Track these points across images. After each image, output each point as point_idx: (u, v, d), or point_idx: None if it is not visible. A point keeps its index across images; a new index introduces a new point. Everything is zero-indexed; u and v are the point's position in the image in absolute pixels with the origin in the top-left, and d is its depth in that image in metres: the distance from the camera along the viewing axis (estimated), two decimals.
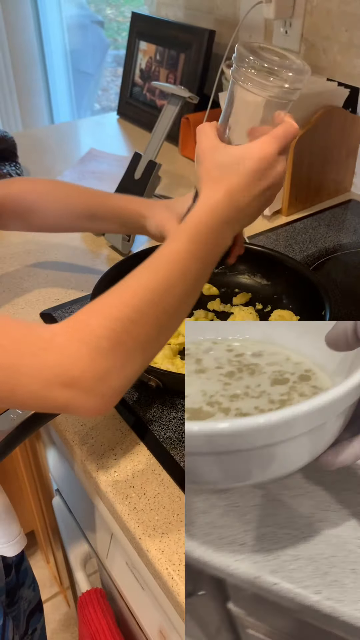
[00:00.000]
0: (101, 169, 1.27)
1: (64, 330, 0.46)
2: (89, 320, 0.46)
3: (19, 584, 0.85)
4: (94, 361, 0.45)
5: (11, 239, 1.00)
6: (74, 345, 0.45)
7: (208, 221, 0.53)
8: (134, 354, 0.48)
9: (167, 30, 1.38)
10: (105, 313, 0.47)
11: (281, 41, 1.21)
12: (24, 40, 2.25)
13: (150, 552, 0.53)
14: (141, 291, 0.48)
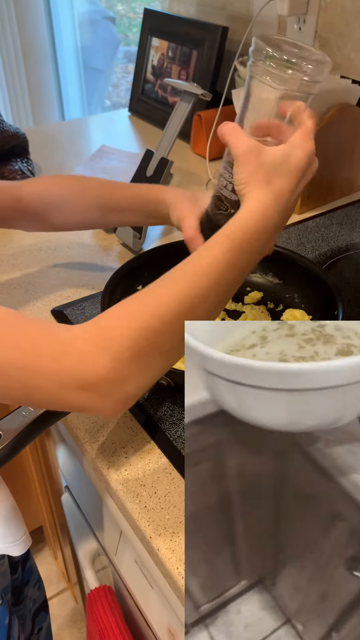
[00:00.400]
0: (112, 165, 1.27)
1: (85, 334, 0.45)
2: (112, 328, 0.45)
3: (24, 582, 0.85)
4: (113, 369, 0.44)
5: (23, 237, 1.00)
6: (94, 350, 0.44)
7: (256, 225, 0.51)
8: (155, 362, 0.47)
9: (179, 27, 1.38)
10: (131, 322, 0.45)
11: (294, 38, 1.19)
12: (36, 36, 2.25)
13: (161, 551, 0.53)
14: (170, 302, 0.47)
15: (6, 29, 2.14)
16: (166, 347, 0.47)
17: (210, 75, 1.30)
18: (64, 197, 0.76)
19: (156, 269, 0.84)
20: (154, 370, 0.47)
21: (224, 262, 0.50)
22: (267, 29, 1.26)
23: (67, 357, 0.44)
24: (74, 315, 0.81)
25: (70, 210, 0.77)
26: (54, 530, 1.31)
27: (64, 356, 0.44)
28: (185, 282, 0.48)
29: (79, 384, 0.44)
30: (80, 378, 0.44)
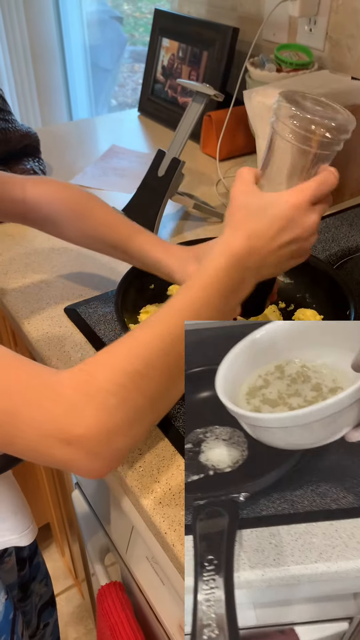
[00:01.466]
0: (123, 165, 1.28)
1: (71, 381, 0.44)
2: (96, 373, 0.44)
3: (31, 578, 0.86)
4: (99, 419, 0.42)
5: (36, 236, 1.01)
6: (80, 399, 0.42)
7: (226, 266, 0.51)
8: (143, 411, 0.46)
9: (190, 27, 1.38)
10: (114, 366, 0.45)
11: (305, 39, 1.21)
12: (45, 35, 2.26)
13: (176, 546, 0.53)
14: (150, 342, 0.47)
15: (15, 28, 2.15)
16: (152, 392, 0.46)
17: (220, 76, 1.31)
18: (63, 215, 0.74)
19: None
20: (141, 419, 0.46)
21: (197, 299, 0.50)
22: (277, 30, 1.26)
23: (54, 405, 0.42)
24: (86, 313, 0.81)
25: (68, 229, 0.75)
26: (62, 527, 1.32)
27: (51, 404, 0.42)
28: (163, 322, 0.48)
29: (63, 436, 0.42)
30: (64, 429, 0.42)
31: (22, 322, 0.81)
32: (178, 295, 0.51)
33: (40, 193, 0.74)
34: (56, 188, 0.75)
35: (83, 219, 0.75)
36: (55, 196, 0.74)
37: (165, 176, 0.98)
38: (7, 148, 1.10)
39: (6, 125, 1.08)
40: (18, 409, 0.42)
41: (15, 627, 0.75)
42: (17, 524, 0.71)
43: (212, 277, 0.51)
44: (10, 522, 0.70)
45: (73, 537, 1.22)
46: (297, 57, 1.17)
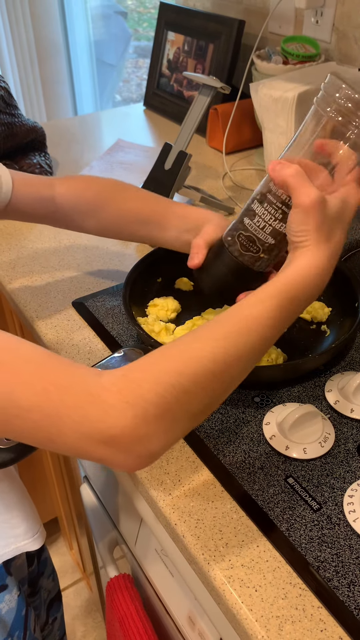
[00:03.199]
0: (129, 159, 1.28)
1: (113, 387, 0.43)
2: (141, 382, 0.44)
3: (39, 574, 0.86)
4: (137, 425, 0.42)
5: (42, 230, 1.01)
6: (120, 405, 0.42)
7: (309, 285, 0.49)
8: (180, 422, 0.45)
9: (195, 20, 1.38)
10: (160, 378, 0.44)
11: (312, 31, 1.20)
12: (49, 30, 2.25)
13: (186, 537, 0.53)
14: (203, 360, 0.45)
15: (20, 23, 2.15)
16: (194, 408, 0.45)
17: (226, 69, 1.30)
18: (97, 203, 0.73)
19: (175, 262, 0.85)
20: (177, 430, 0.45)
21: (267, 320, 0.47)
22: (283, 22, 1.26)
23: (92, 408, 0.42)
24: (94, 307, 0.82)
25: (103, 217, 0.74)
26: (70, 520, 1.32)
27: (89, 407, 0.42)
28: (221, 341, 0.46)
29: (101, 438, 0.42)
30: (103, 432, 0.42)
31: (31, 316, 0.82)
32: (246, 309, 0.47)
33: (70, 189, 0.74)
34: (86, 180, 0.75)
35: (116, 203, 0.74)
36: (87, 189, 0.74)
37: (171, 170, 0.97)
38: (13, 143, 1.10)
39: (12, 119, 1.08)
40: (58, 412, 0.42)
41: (28, 623, 0.75)
42: (28, 529, 0.71)
43: (289, 297, 0.48)
44: (21, 528, 0.70)
45: (81, 531, 1.23)
46: (303, 49, 1.17)
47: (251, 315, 0.47)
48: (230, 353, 0.45)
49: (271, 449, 0.60)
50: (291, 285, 0.49)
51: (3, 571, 0.71)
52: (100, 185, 0.75)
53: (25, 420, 0.42)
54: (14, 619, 0.72)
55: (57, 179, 0.75)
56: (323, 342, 0.74)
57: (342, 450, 0.60)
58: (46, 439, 0.43)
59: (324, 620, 0.47)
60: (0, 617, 0.71)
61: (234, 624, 0.50)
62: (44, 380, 0.43)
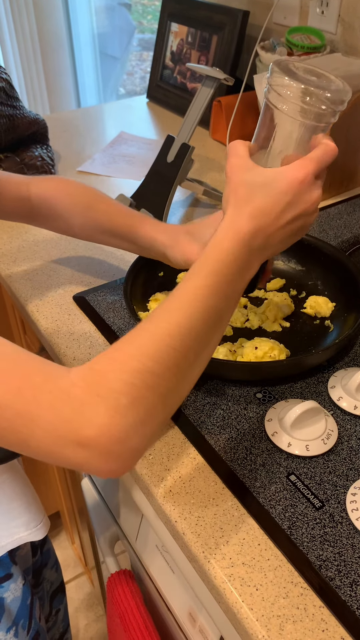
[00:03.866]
0: (131, 152, 1.27)
1: (82, 382, 0.42)
2: (107, 373, 0.43)
3: (42, 565, 0.86)
4: (111, 420, 0.41)
5: None
6: (91, 400, 0.41)
7: (232, 249, 0.49)
8: (155, 408, 0.44)
9: (199, 11, 1.36)
10: (124, 365, 0.43)
11: (317, 22, 1.18)
12: (53, 23, 2.24)
13: (187, 535, 0.53)
14: (160, 337, 0.45)
15: (23, 15, 2.13)
16: (163, 389, 0.44)
17: (230, 61, 1.29)
18: (68, 209, 0.75)
19: None
20: (154, 418, 0.44)
21: (205, 288, 0.47)
22: (288, 13, 1.24)
23: (65, 407, 0.41)
24: (95, 301, 0.81)
25: (73, 223, 0.76)
26: (72, 515, 1.32)
27: (62, 405, 0.41)
28: (171, 317, 0.46)
29: (76, 438, 0.41)
30: (78, 432, 0.41)
31: (31, 310, 0.81)
32: (185, 283, 0.48)
33: (44, 190, 0.75)
34: (59, 183, 0.76)
35: (86, 211, 0.75)
36: (59, 191, 0.75)
37: (174, 162, 0.96)
38: (15, 135, 1.09)
39: (14, 111, 1.07)
40: (31, 411, 0.41)
41: (33, 611, 0.75)
42: (30, 519, 0.71)
43: (219, 262, 0.48)
44: (24, 518, 0.70)
45: (83, 525, 1.22)
46: (308, 41, 1.15)
47: (189, 288, 0.47)
48: (182, 325, 0.46)
49: (273, 445, 0.59)
50: (217, 249, 0.49)
51: (8, 560, 0.71)
52: (72, 192, 0.76)
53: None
54: (19, 608, 0.72)
55: (34, 179, 0.76)
56: (327, 337, 0.73)
57: (345, 447, 0.59)
58: (19, 440, 0.42)
59: (325, 620, 0.46)
60: (6, 605, 0.71)
61: (235, 623, 0.49)
62: (17, 378, 0.42)
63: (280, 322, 0.75)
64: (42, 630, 0.78)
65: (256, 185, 0.50)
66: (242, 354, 0.69)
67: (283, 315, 0.76)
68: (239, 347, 0.70)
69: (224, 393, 0.66)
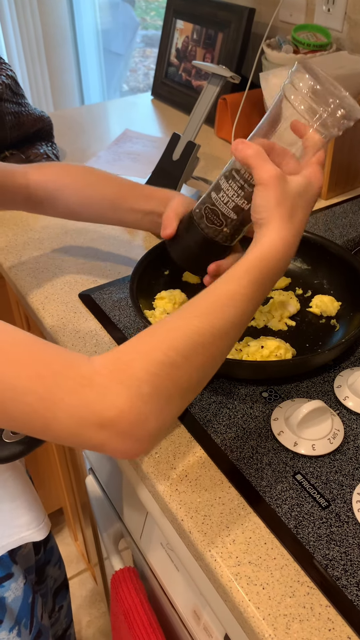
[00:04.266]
0: (136, 149, 1.27)
1: (105, 369, 0.44)
2: (132, 362, 0.45)
3: (46, 562, 0.86)
4: (132, 405, 0.43)
5: (49, 221, 1.00)
6: (114, 386, 0.43)
7: (277, 261, 0.51)
8: (174, 398, 0.46)
9: (205, 8, 1.36)
10: (150, 356, 0.45)
11: (323, 20, 1.18)
12: (57, 19, 2.23)
13: (193, 533, 0.53)
14: (190, 334, 0.46)
15: (27, 12, 2.13)
16: (185, 384, 0.46)
17: (236, 58, 1.29)
18: (67, 192, 0.75)
19: None
20: (172, 408, 0.46)
21: (244, 295, 0.49)
22: (294, 10, 1.24)
23: (87, 391, 0.43)
24: (101, 299, 0.81)
25: (73, 205, 0.76)
26: (75, 511, 1.33)
27: (84, 390, 0.43)
28: (205, 316, 0.48)
29: (98, 421, 0.43)
30: (99, 414, 0.43)
31: (37, 307, 0.81)
32: (223, 286, 0.50)
33: (44, 174, 0.76)
34: (57, 167, 0.78)
35: (86, 190, 0.76)
36: (60, 172, 0.76)
37: (180, 160, 0.96)
38: (20, 132, 1.09)
39: (19, 109, 1.07)
40: (53, 396, 0.42)
41: (35, 610, 0.75)
42: (32, 519, 0.71)
43: (262, 274, 0.50)
44: (25, 518, 0.70)
45: (86, 522, 1.23)
46: (314, 38, 1.15)
47: (228, 291, 0.49)
48: (214, 325, 0.47)
49: (279, 445, 0.59)
50: (260, 261, 0.51)
51: (8, 560, 0.71)
52: (71, 172, 0.77)
53: (21, 404, 0.43)
54: (20, 607, 0.72)
55: (30, 167, 0.77)
56: (332, 336, 0.73)
57: (351, 447, 0.59)
58: (42, 424, 0.43)
59: (332, 619, 0.46)
60: (7, 605, 0.71)
61: (241, 621, 0.49)
62: (38, 365, 0.43)
63: (286, 321, 0.75)
64: (44, 628, 0.79)
65: (295, 195, 0.52)
66: (248, 352, 0.69)
67: (289, 314, 0.76)
68: (245, 346, 0.70)
69: (230, 392, 0.66)
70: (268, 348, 0.68)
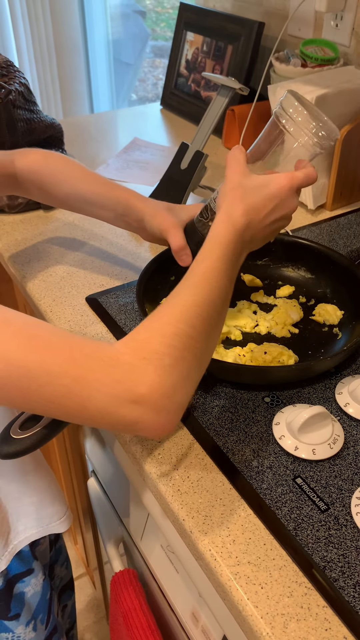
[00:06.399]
0: (145, 158, 1.28)
1: (128, 349, 0.48)
2: (149, 340, 0.49)
3: (54, 561, 0.87)
4: (160, 378, 0.47)
5: (58, 226, 1.02)
6: (139, 363, 0.47)
7: (230, 236, 0.57)
8: (193, 367, 0.51)
9: (215, 21, 1.38)
10: (164, 331, 0.50)
11: (331, 35, 1.20)
12: (69, 28, 2.27)
13: (194, 533, 0.54)
14: (190, 307, 0.52)
15: (40, 20, 2.16)
16: (198, 351, 0.51)
17: (244, 71, 1.31)
18: (52, 180, 0.78)
19: None
20: (193, 375, 0.51)
21: (217, 270, 0.55)
22: (303, 25, 1.26)
23: (117, 370, 0.47)
24: (107, 303, 0.82)
25: (57, 193, 0.79)
26: (76, 515, 1.33)
27: (114, 369, 0.47)
28: (196, 290, 0.53)
29: (131, 397, 0.46)
30: (132, 390, 0.46)
31: (45, 310, 0.82)
32: (199, 265, 0.56)
33: (29, 162, 0.79)
34: (43, 155, 0.80)
35: (70, 180, 0.79)
36: (43, 163, 0.79)
37: (188, 169, 0.98)
38: (31, 138, 1.11)
39: (31, 115, 1.09)
40: (87, 376, 0.46)
41: (52, 606, 0.77)
42: (56, 511, 0.72)
43: (222, 250, 0.56)
44: (50, 509, 0.72)
45: (86, 526, 1.23)
46: (322, 53, 1.17)
47: (205, 268, 0.55)
48: (205, 296, 0.53)
49: (280, 449, 0.61)
50: (220, 238, 0.57)
51: (30, 556, 0.72)
52: (53, 163, 0.79)
53: (57, 387, 0.46)
54: (38, 602, 0.74)
55: (16, 152, 0.79)
56: (335, 344, 0.74)
57: (351, 452, 0.60)
58: (78, 404, 0.47)
59: (328, 619, 0.47)
60: (26, 600, 0.72)
61: (240, 620, 0.50)
62: (70, 350, 0.47)
63: (289, 329, 0.77)
64: (59, 625, 0.80)
65: (251, 187, 0.59)
66: (251, 358, 0.70)
67: (292, 322, 0.77)
68: (248, 352, 0.71)
69: (233, 396, 0.67)
70: (271, 354, 0.69)
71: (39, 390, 0.46)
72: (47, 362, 0.46)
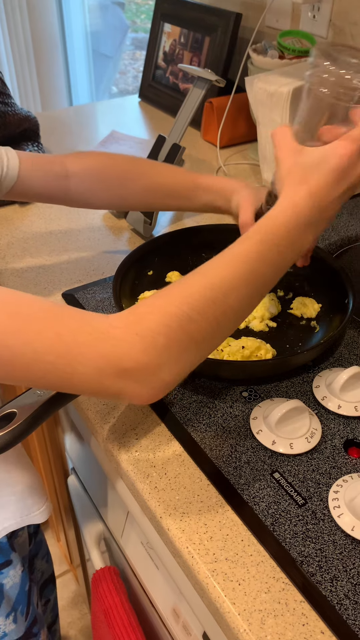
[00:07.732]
0: (122, 151, 1.27)
1: (121, 322, 0.47)
2: (147, 315, 0.47)
3: (34, 554, 0.87)
4: (147, 355, 0.46)
5: (34, 221, 1.01)
6: (129, 337, 0.46)
7: (287, 222, 0.53)
8: (188, 350, 0.49)
9: (192, 13, 1.37)
10: (164, 309, 0.48)
11: (308, 26, 1.19)
12: (46, 20, 2.23)
13: (171, 530, 0.53)
14: (203, 289, 0.49)
15: (16, 13, 2.13)
16: (199, 336, 0.49)
17: (222, 62, 1.30)
18: (120, 181, 0.76)
19: (167, 255, 0.85)
20: (187, 359, 0.49)
21: (254, 253, 0.51)
22: (280, 16, 1.25)
23: (103, 344, 0.46)
24: (84, 298, 0.81)
25: (125, 193, 0.77)
26: (58, 512, 1.32)
27: (100, 343, 0.46)
28: (216, 272, 0.50)
29: (115, 370, 0.46)
30: (116, 364, 0.46)
31: None
32: (235, 246, 0.52)
33: (82, 167, 0.76)
34: (98, 159, 0.77)
35: (140, 178, 0.77)
36: (102, 166, 0.76)
37: (165, 162, 0.97)
38: (5, 132, 1.09)
39: (5, 108, 1.07)
40: (72, 351, 0.45)
41: (31, 598, 0.76)
42: (35, 502, 0.71)
43: (271, 234, 0.52)
44: (30, 500, 0.71)
45: (69, 523, 1.23)
46: (299, 44, 1.16)
47: (239, 249, 0.52)
48: (224, 279, 0.49)
49: (258, 443, 0.60)
50: (272, 221, 0.53)
51: (8, 547, 0.71)
52: (120, 162, 0.77)
53: (43, 364, 0.45)
54: (17, 594, 0.73)
55: (67, 157, 0.76)
56: (312, 338, 0.74)
57: (328, 446, 0.60)
58: (64, 379, 0.46)
59: (306, 614, 0.47)
60: (5, 592, 0.72)
61: (217, 617, 0.50)
62: (56, 325, 0.46)
63: (267, 322, 0.76)
64: (39, 616, 0.79)
65: (309, 165, 0.55)
66: (229, 353, 0.69)
67: (270, 316, 0.77)
68: (226, 346, 0.71)
69: (211, 391, 0.67)
70: (249, 348, 0.69)
71: (27, 367, 0.45)
72: (32, 341, 0.45)
